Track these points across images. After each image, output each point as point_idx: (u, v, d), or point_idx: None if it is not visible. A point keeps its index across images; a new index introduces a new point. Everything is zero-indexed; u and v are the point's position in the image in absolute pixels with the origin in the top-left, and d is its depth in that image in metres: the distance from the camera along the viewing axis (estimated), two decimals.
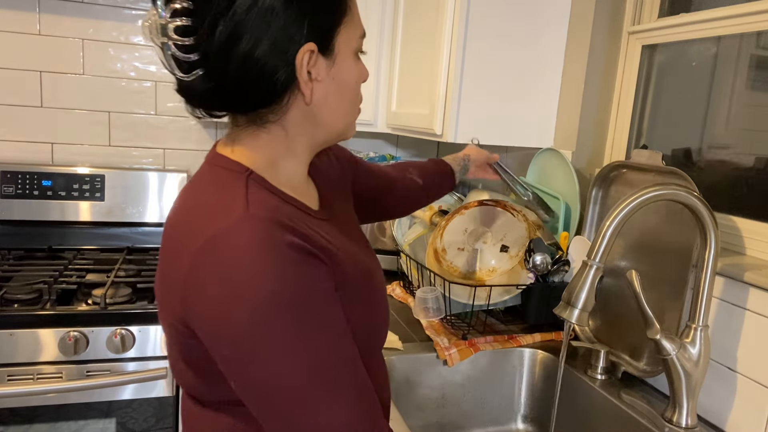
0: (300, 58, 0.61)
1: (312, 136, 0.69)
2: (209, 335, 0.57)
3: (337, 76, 0.66)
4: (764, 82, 1.13)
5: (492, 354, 1.27)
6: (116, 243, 1.87)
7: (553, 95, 1.53)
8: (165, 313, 0.63)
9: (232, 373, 0.57)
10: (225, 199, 0.60)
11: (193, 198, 0.64)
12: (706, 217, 0.92)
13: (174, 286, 0.59)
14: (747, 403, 0.98)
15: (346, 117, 0.70)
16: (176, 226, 0.62)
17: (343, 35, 0.65)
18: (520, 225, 1.40)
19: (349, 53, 0.67)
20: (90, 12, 1.85)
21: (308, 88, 0.63)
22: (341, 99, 0.68)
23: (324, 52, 0.64)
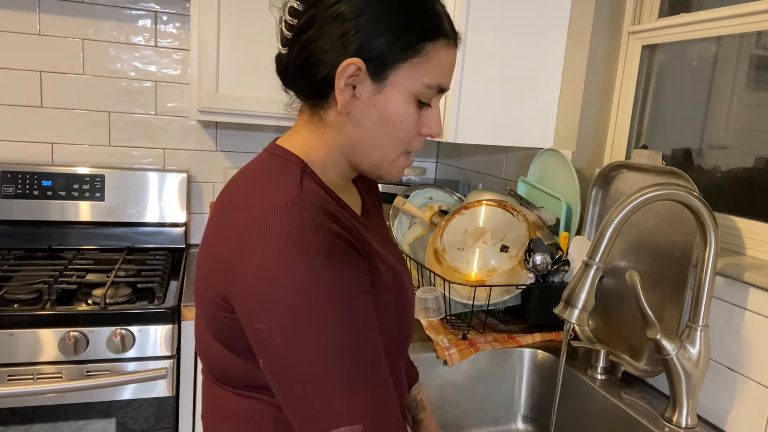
0: (343, 66, 0.64)
1: (346, 151, 0.70)
2: (246, 307, 0.59)
3: (379, 104, 0.66)
4: (764, 82, 1.13)
5: (492, 354, 1.27)
6: (116, 243, 1.87)
7: (553, 95, 1.53)
8: (206, 287, 0.65)
9: (263, 349, 0.59)
10: (280, 184, 0.64)
11: (246, 180, 0.67)
12: (706, 217, 0.92)
13: (220, 259, 0.62)
14: (747, 403, 0.98)
15: (381, 150, 0.69)
16: (229, 204, 0.66)
17: (403, 72, 0.65)
18: (520, 225, 1.40)
19: (404, 91, 0.66)
20: (90, 12, 1.85)
21: (342, 97, 0.66)
22: (378, 128, 0.67)
23: (374, 75, 0.65)
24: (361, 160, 0.71)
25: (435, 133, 0.71)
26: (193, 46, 1.62)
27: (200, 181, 2.05)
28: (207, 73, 1.63)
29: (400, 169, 0.72)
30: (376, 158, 0.70)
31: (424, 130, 0.70)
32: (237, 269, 0.59)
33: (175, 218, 1.92)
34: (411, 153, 0.72)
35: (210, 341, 0.68)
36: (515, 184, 1.69)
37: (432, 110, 0.70)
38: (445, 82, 0.68)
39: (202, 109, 1.65)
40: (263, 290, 0.57)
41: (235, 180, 0.70)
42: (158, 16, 1.91)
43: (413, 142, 0.70)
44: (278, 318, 0.56)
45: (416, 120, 0.68)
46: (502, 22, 1.44)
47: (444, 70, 0.68)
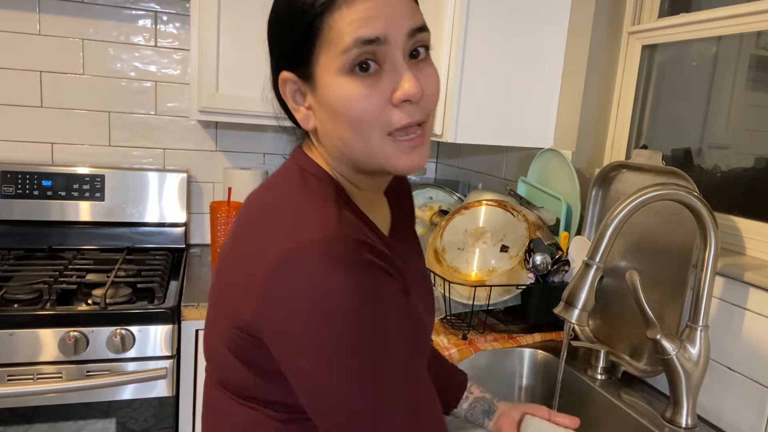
0: (280, 85, 0.65)
1: (344, 161, 0.66)
2: (282, 346, 0.57)
3: (323, 102, 0.61)
4: (764, 82, 1.13)
5: (492, 354, 1.27)
6: (116, 243, 1.87)
7: (553, 95, 1.53)
8: (226, 307, 0.63)
9: (306, 385, 0.57)
10: (316, 212, 0.60)
11: (279, 198, 0.64)
12: (706, 217, 0.92)
13: (247, 285, 0.59)
14: (747, 404, 0.98)
15: (358, 145, 0.61)
16: (259, 223, 0.62)
17: (321, 57, 0.60)
18: (520, 225, 1.40)
19: (332, 74, 0.59)
20: (90, 12, 1.85)
21: (299, 114, 0.65)
22: (336, 125, 0.61)
23: (305, 79, 0.62)
24: (357, 163, 0.64)
25: (408, 94, 0.58)
26: (193, 46, 1.62)
27: (200, 181, 2.05)
28: (207, 73, 1.62)
29: (406, 160, 0.62)
30: (363, 155, 0.62)
31: (395, 96, 0.59)
32: (270, 305, 0.57)
33: (175, 218, 1.92)
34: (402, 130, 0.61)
35: (223, 352, 0.66)
36: (515, 184, 1.69)
37: (393, 70, 0.59)
38: (366, 31, 0.57)
39: (202, 109, 1.65)
40: (304, 329, 0.55)
41: (265, 192, 0.66)
42: (158, 16, 1.91)
43: (387, 116, 0.59)
44: (322, 355, 0.55)
45: (366, 93, 0.58)
46: (502, 22, 1.44)
47: (358, 23, 0.57)
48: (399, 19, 0.59)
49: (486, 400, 0.94)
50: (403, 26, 0.59)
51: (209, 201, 2.06)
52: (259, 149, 2.08)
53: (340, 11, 0.57)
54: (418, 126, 0.61)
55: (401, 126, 0.60)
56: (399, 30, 0.59)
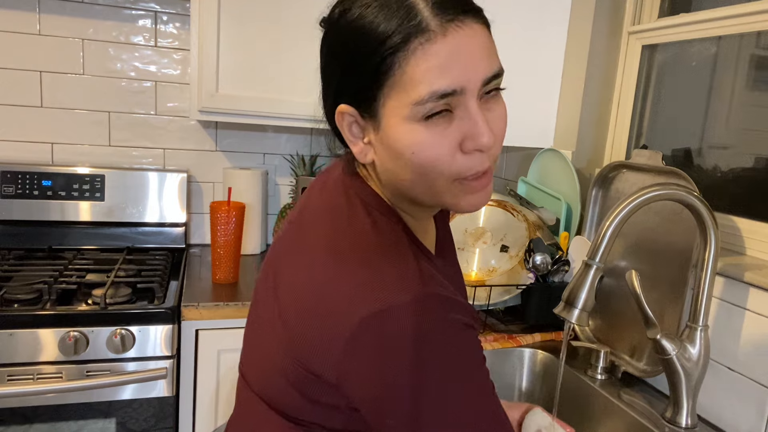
0: (337, 117, 0.61)
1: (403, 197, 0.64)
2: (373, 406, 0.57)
3: (386, 143, 0.58)
4: (764, 82, 1.13)
5: (492, 354, 1.27)
6: (116, 243, 1.87)
7: (553, 95, 1.53)
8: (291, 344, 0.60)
9: None
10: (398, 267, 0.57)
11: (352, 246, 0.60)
12: (706, 217, 0.92)
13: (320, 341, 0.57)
14: (747, 403, 0.98)
15: (423, 187, 0.59)
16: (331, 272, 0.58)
17: (389, 98, 0.56)
18: (520, 225, 1.40)
19: (400, 119, 0.56)
20: (90, 12, 1.85)
21: (355, 148, 0.62)
22: (401, 167, 0.59)
23: (367, 115, 0.59)
24: (416, 199, 0.62)
25: (481, 145, 0.56)
26: (193, 46, 1.62)
27: (200, 181, 2.05)
28: (207, 73, 1.62)
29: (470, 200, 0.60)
30: (426, 197, 0.60)
31: (467, 144, 0.56)
32: (356, 370, 0.55)
33: (175, 218, 1.92)
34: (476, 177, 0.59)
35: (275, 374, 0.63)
36: (515, 184, 1.69)
37: (466, 118, 0.56)
38: (442, 84, 0.54)
39: (202, 109, 1.65)
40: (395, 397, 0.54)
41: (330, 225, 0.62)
42: (158, 16, 1.91)
43: (458, 164, 0.57)
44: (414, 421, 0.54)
45: (437, 141, 0.56)
46: (502, 22, 1.44)
47: (434, 72, 0.54)
48: (477, 66, 0.55)
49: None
50: (480, 73, 0.55)
51: (209, 201, 2.06)
52: (259, 149, 2.08)
53: (414, 55, 0.54)
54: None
55: (471, 174, 0.58)
56: (476, 78, 0.55)
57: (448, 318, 0.55)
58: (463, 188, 0.59)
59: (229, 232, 1.56)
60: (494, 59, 0.58)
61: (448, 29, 0.54)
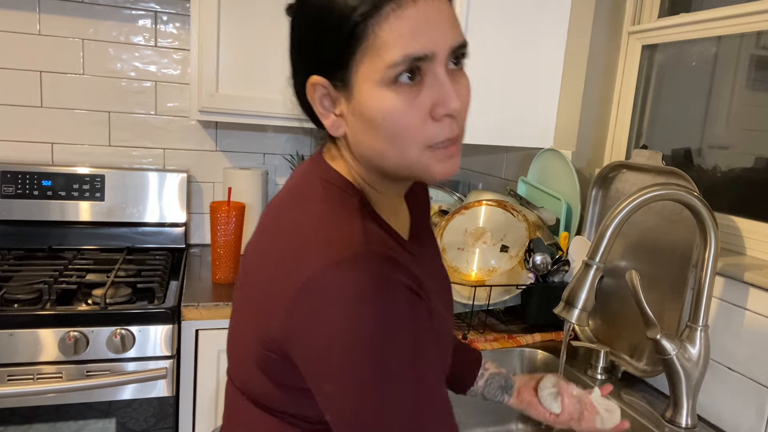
0: (308, 89, 0.62)
1: (374, 166, 0.64)
2: (311, 366, 0.57)
3: (359, 112, 0.59)
4: (764, 82, 1.13)
5: (492, 354, 1.27)
6: (116, 243, 1.87)
7: (553, 95, 1.53)
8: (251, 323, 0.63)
9: (332, 408, 0.57)
10: (342, 229, 0.59)
11: (305, 215, 0.62)
12: (706, 217, 0.92)
13: (276, 306, 0.59)
14: (747, 403, 0.98)
15: (394, 155, 0.60)
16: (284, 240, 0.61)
17: (361, 65, 0.58)
18: (520, 225, 1.40)
19: (372, 85, 0.58)
20: (90, 12, 1.85)
21: (327, 121, 0.63)
22: (373, 135, 0.60)
23: (340, 85, 0.60)
24: (388, 170, 0.63)
25: (451, 109, 0.58)
26: (193, 46, 1.62)
27: (200, 181, 2.05)
28: (207, 73, 1.63)
29: (440, 168, 0.61)
30: (397, 166, 0.62)
31: (437, 111, 0.58)
32: (298, 326, 0.57)
33: (175, 218, 1.92)
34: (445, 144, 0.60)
35: (249, 365, 0.65)
36: (515, 184, 1.69)
37: (436, 84, 0.58)
38: (414, 48, 0.56)
39: (202, 109, 1.65)
40: (330, 352, 0.55)
41: (290, 205, 0.65)
42: (158, 16, 1.91)
43: (429, 131, 0.59)
44: (348, 381, 0.55)
45: (407, 107, 0.58)
46: (502, 22, 1.44)
47: (406, 36, 0.56)
48: (445, 33, 0.58)
49: (502, 376, 0.94)
50: (448, 41, 0.58)
51: (209, 201, 2.06)
52: (259, 149, 2.08)
53: (387, 20, 0.56)
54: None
55: (441, 140, 0.60)
56: (444, 45, 0.58)
57: (389, 277, 0.55)
58: (434, 156, 0.60)
59: (229, 232, 1.56)
60: (459, 30, 0.60)
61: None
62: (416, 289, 0.58)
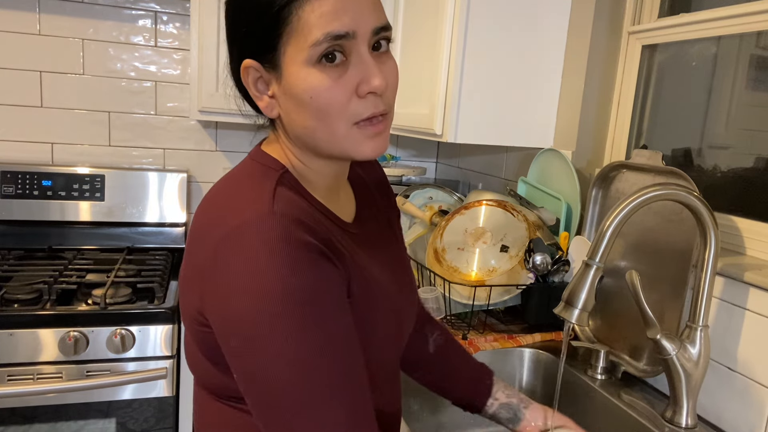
0: (242, 73, 0.64)
1: (306, 146, 0.67)
2: (219, 325, 0.59)
3: (288, 91, 0.62)
4: (764, 82, 1.13)
5: (492, 354, 1.27)
6: (116, 243, 1.87)
7: (553, 95, 1.53)
8: (185, 300, 0.65)
9: (236, 365, 0.59)
10: (254, 193, 0.62)
11: (225, 189, 0.66)
12: (706, 217, 0.92)
13: (196, 273, 0.61)
14: (747, 403, 0.98)
15: (323, 133, 0.63)
16: (205, 214, 0.64)
17: (288, 46, 0.60)
18: (520, 225, 1.40)
19: (299, 65, 0.60)
20: (90, 12, 1.85)
21: (261, 103, 0.66)
22: (302, 113, 0.62)
23: (270, 67, 0.63)
24: (320, 149, 0.65)
25: (374, 87, 0.61)
26: (193, 46, 1.62)
27: (200, 181, 2.05)
28: (207, 73, 1.63)
29: (370, 146, 0.64)
30: (327, 143, 0.64)
31: (361, 88, 0.61)
32: (210, 286, 0.59)
33: (175, 218, 1.92)
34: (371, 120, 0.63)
35: (192, 349, 0.68)
36: (515, 184, 1.69)
37: (359, 63, 0.61)
38: (336, 26, 0.59)
39: (202, 109, 1.65)
40: (234, 307, 0.56)
41: (215, 188, 0.68)
42: (158, 16, 1.91)
43: (354, 107, 0.62)
44: (249, 334, 0.56)
45: (331, 85, 0.60)
46: (502, 22, 1.44)
47: (327, 16, 0.58)
48: (366, 14, 0.61)
49: (512, 408, 0.91)
50: (369, 22, 0.61)
51: None
52: None
53: (309, 2, 0.58)
54: (381, 115, 0.64)
55: (367, 116, 0.62)
56: (366, 25, 0.61)
57: (294, 236, 0.57)
58: (362, 133, 0.63)
59: None
60: (382, 13, 0.63)
61: None
62: (325, 252, 0.59)
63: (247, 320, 0.56)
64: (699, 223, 0.94)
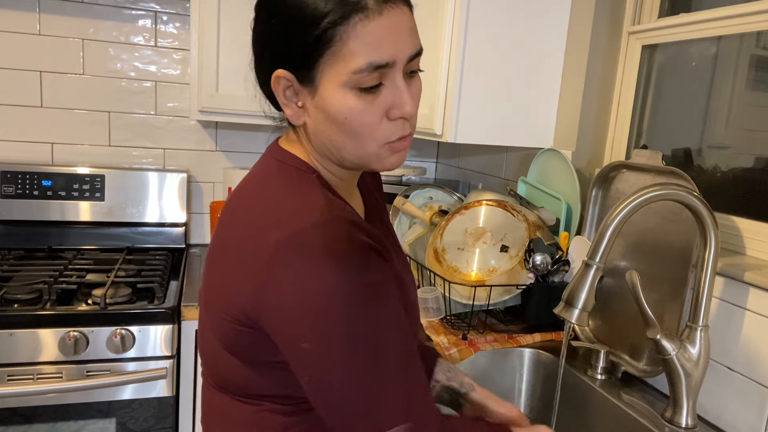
0: (272, 81, 0.66)
1: (330, 155, 0.69)
2: (286, 328, 0.60)
3: (320, 107, 0.64)
4: (764, 82, 1.13)
5: (492, 354, 1.27)
6: (116, 243, 1.87)
7: (553, 95, 1.53)
8: (221, 300, 0.65)
9: (309, 367, 0.60)
10: (306, 199, 0.64)
11: (265, 194, 0.66)
12: (706, 217, 0.92)
13: (244, 276, 0.62)
14: (747, 403, 0.98)
15: (352, 149, 0.66)
16: (247, 217, 0.65)
17: (327, 66, 0.62)
18: (520, 225, 1.40)
19: (335, 86, 0.62)
20: (90, 12, 1.85)
21: (289, 110, 0.67)
22: (333, 130, 0.65)
23: (304, 81, 0.64)
24: (344, 161, 0.68)
25: (405, 113, 0.64)
26: (193, 46, 1.62)
27: (200, 181, 2.05)
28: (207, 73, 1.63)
29: (392, 160, 0.68)
30: (353, 157, 0.67)
31: (393, 112, 0.64)
32: (272, 290, 0.59)
33: (175, 218, 1.92)
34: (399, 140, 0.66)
35: (220, 351, 0.68)
36: (515, 184, 1.69)
37: (393, 89, 0.64)
38: (378, 57, 0.61)
39: (202, 109, 1.65)
40: (307, 311, 0.58)
41: (248, 190, 0.69)
42: (158, 16, 1.91)
43: (385, 130, 0.65)
44: (325, 336, 0.58)
45: (366, 109, 0.63)
46: (502, 22, 1.44)
47: (371, 46, 0.60)
48: (405, 43, 0.63)
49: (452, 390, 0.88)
50: (407, 50, 0.63)
51: (209, 201, 2.06)
52: (258, 149, 2.08)
53: (354, 28, 0.60)
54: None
55: (395, 139, 0.66)
56: (404, 53, 0.63)
57: (355, 238, 0.60)
58: (388, 150, 0.67)
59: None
60: (417, 39, 0.66)
61: (384, 9, 0.61)
62: (380, 250, 0.63)
63: (320, 323, 0.58)
64: (699, 223, 0.94)
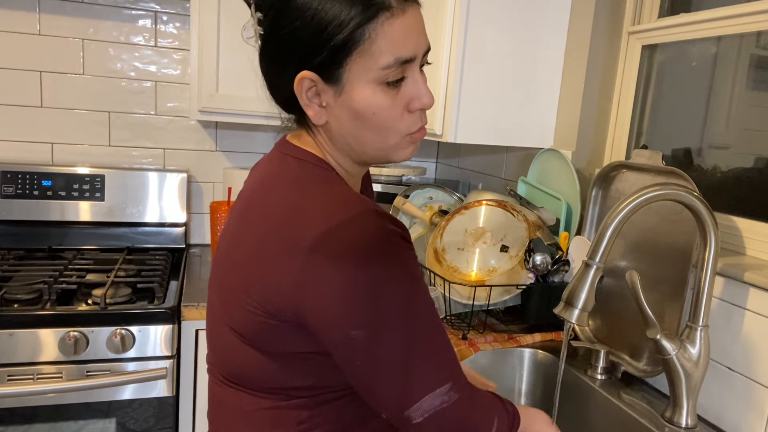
0: (296, 83, 0.66)
1: (346, 151, 0.71)
2: (335, 321, 0.62)
3: (346, 105, 0.66)
4: (764, 82, 1.13)
5: (492, 354, 1.27)
6: (116, 243, 1.87)
7: (553, 95, 1.53)
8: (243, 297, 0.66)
9: (360, 350, 0.62)
10: (332, 195, 0.66)
11: (287, 190, 0.68)
12: (706, 217, 0.92)
13: (275, 274, 0.63)
14: (747, 403, 0.98)
15: (375, 143, 0.69)
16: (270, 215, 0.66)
17: (355, 64, 0.64)
18: (520, 225, 1.40)
19: (363, 83, 0.65)
20: (90, 12, 1.85)
21: (312, 111, 0.68)
22: (359, 126, 0.68)
23: (329, 80, 0.65)
24: (366, 155, 0.71)
25: (425, 105, 0.68)
26: (193, 46, 1.62)
27: (200, 181, 2.05)
28: (207, 73, 1.63)
29: (410, 150, 0.72)
30: (376, 150, 0.70)
31: (414, 104, 0.68)
32: (314, 285, 0.61)
33: (175, 218, 1.92)
34: (419, 131, 0.71)
35: (235, 344, 0.68)
36: (515, 184, 1.69)
37: (413, 83, 0.68)
38: (404, 52, 0.65)
39: (202, 109, 1.65)
40: (355, 301, 0.60)
41: (265, 187, 0.70)
42: (158, 16, 1.91)
43: (406, 122, 0.69)
44: (375, 320, 0.61)
45: (392, 103, 0.67)
46: (502, 22, 1.44)
47: (397, 42, 0.64)
48: (422, 38, 0.67)
49: None
50: (424, 45, 0.68)
51: (209, 201, 2.06)
52: (258, 149, 2.08)
53: (382, 27, 0.63)
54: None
55: (416, 130, 0.70)
56: (421, 48, 0.67)
57: (388, 228, 0.63)
58: (408, 141, 0.71)
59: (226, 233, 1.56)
60: (427, 35, 0.70)
61: (406, 8, 0.65)
62: (407, 237, 0.66)
63: (370, 308, 0.60)
64: (699, 223, 0.94)
